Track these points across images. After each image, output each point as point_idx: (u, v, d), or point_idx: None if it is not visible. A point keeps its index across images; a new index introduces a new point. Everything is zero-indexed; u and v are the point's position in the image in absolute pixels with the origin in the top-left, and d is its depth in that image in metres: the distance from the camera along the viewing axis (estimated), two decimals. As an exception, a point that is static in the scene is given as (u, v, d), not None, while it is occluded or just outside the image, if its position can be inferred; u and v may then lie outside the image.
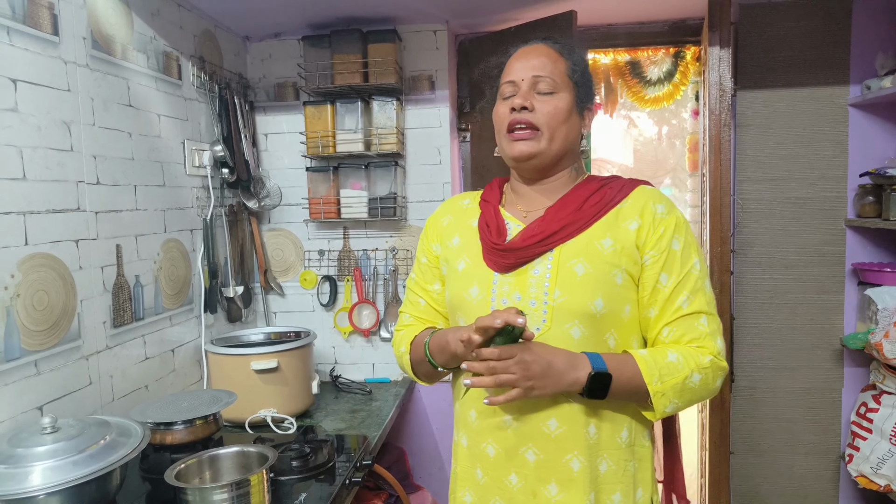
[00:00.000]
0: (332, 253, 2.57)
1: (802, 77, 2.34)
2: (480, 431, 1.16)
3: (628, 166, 6.49)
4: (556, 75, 1.14)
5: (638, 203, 1.14)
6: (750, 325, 2.45)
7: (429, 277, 1.29)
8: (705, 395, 1.11)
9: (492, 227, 1.18)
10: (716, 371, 1.10)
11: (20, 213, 1.39)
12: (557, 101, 1.13)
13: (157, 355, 1.89)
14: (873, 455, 2.13)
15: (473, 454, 1.18)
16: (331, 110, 2.38)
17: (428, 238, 1.30)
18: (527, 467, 1.11)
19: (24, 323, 1.39)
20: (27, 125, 1.41)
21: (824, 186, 2.37)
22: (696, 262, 1.12)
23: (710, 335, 1.10)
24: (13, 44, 1.38)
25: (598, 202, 1.14)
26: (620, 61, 2.74)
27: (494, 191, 1.27)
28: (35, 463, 1.18)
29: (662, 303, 1.10)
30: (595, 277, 1.09)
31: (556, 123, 1.13)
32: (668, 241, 1.11)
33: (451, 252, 1.24)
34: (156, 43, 1.91)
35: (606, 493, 1.12)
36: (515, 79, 1.15)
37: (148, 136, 1.87)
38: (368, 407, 2.21)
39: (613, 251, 1.10)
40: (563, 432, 1.09)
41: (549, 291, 1.09)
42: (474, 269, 1.17)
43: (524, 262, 1.13)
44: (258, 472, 1.31)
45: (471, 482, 1.20)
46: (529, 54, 1.17)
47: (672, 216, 1.13)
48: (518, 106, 1.12)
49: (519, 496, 1.13)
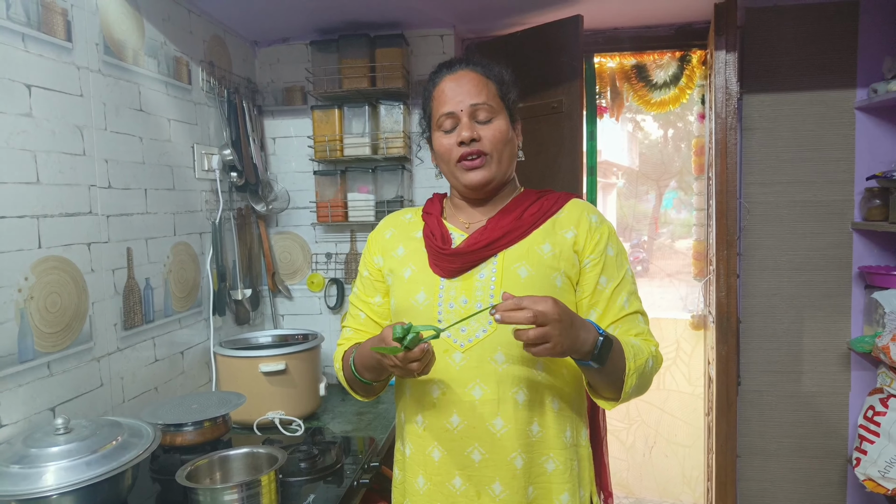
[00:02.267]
0: (340, 256, 2.59)
1: (809, 80, 2.34)
2: (426, 437, 1.18)
3: (634, 169, 6.50)
4: (490, 100, 1.17)
5: (573, 214, 1.21)
6: (756, 329, 2.45)
7: (370, 291, 1.30)
8: (645, 387, 1.14)
9: (436, 235, 1.22)
10: (657, 362, 1.15)
11: (34, 217, 1.41)
12: (498, 125, 1.17)
13: (167, 357, 1.91)
14: (881, 459, 2.13)
15: (416, 461, 1.20)
16: (338, 114, 2.40)
17: (370, 252, 1.31)
18: (472, 468, 1.14)
19: (38, 325, 1.41)
20: (41, 130, 1.43)
21: (831, 190, 2.37)
22: (628, 269, 1.21)
23: (649, 332, 1.19)
24: (28, 50, 1.40)
25: (535, 212, 1.20)
26: (626, 65, 2.75)
27: (435, 204, 1.30)
28: (49, 463, 1.19)
29: (605, 302, 1.16)
30: (537, 279, 1.14)
31: (501, 146, 1.18)
32: (604, 247, 1.18)
33: (395, 262, 1.25)
34: (166, 48, 1.94)
35: (556, 493, 1.15)
36: (454, 110, 1.17)
37: (158, 140, 1.89)
38: (375, 409, 2.22)
39: (553, 255, 1.16)
40: (508, 431, 1.12)
41: (495, 294, 1.13)
42: (420, 276, 1.20)
43: (470, 266, 1.16)
44: (268, 473, 1.32)
45: (411, 493, 1.21)
46: (460, 81, 1.18)
47: (605, 226, 1.21)
48: (467, 139, 1.15)
49: (462, 500, 1.15)
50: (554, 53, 2.28)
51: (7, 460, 1.20)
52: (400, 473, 1.27)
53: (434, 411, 1.16)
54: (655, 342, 1.18)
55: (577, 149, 2.27)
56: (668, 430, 3.50)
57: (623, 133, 8.01)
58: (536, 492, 1.15)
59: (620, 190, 8.89)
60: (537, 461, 1.15)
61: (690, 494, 3.46)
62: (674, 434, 3.48)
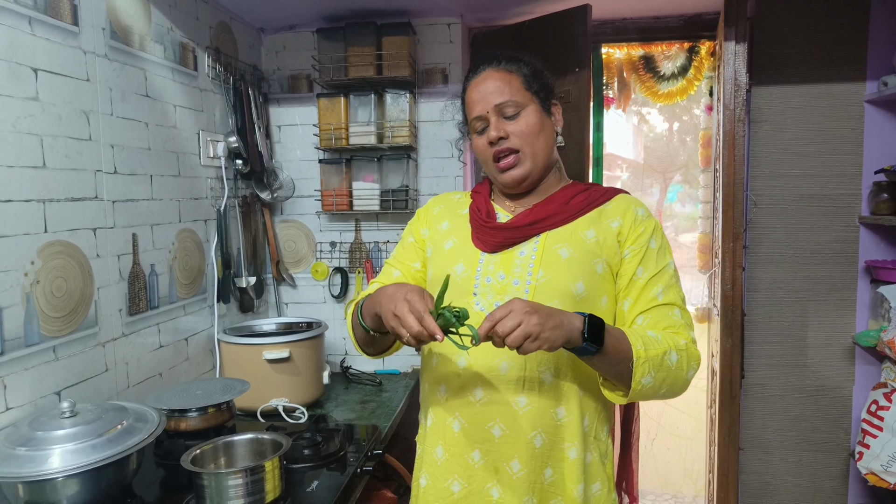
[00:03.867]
0: (344, 245, 2.58)
1: (818, 73, 2.33)
2: (448, 407, 1.18)
3: (639, 162, 6.47)
4: (514, 95, 1.19)
5: (620, 206, 1.21)
6: (761, 322, 2.44)
7: (411, 256, 1.32)
8: (678, 384, 1.09)
9: (482, 210, 1.25)
10: (690, 356, 1.10)
11: (40, 201, 1.41)
12: (526, 118, 1.19)
13: (171, 343, 1.92)
14: (883, 453, 2.13)
15: (436, 431, 1.20)
16: (344, 103, 2.39)
17: (418, 222, 1.35)
18: (491, 442, 1.14)
19: (43, 309, 1.41)
20: (48, 114, 1.43)
21: (839, 183, 2.35)
22: (670, 262, 1.18)
23: (684, 325, 1.13)
24: (35, 33, 1.40)
25: (582, 200, 1.21)
26: (634, 56, 2.73)
27: (485, 186, 1.34)
28: (54, 446, 1.20)
29: (638, 292, 1.15)
30: (578, 261, 1.14)
31: (532, 139, 1.19)
32: (646, 240, 1.17)
33: (438, 234, 1.28)
34: (173, 34, 1.93)
35: (573, 481, 1.14)
36: (481, 113, 1.20)
37: (164, 126, 1.88)
38: (378, 398, 2.23)
39: (596, 242, 1.16)
40: (531, 409, 1.12)
41: (534, 272, 1.14)
42: (461, 248, 1.22)
43: (512, 242, 1.18)
44: (272, 459, 1.32)
45: (429, 463, 1.21)
46: (484, 84, 1.21)
47: (651, 220, 1.20)
48: (494, 139, 1.18)
49: (480, 473, 1.15)
50: (562, 43, 2.27)
51: (13, 443, 1.20)
52: (420, 447, 1.27)
53: (458, 382, 1.16)
54: (689, 337, 1.12)
55: (584, 139, 2.26)
56: (671, 422, 3.50)
57: (628, 126, 7.96)
58: (555, 476, 1.14)
59: (625, 183, 8.85)
60: (558, 445, 1.14)
61: (692, 487, 3.46)
62: (676, 426, 3.48)
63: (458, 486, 1.17)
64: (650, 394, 1.08)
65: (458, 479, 1.17)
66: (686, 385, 1.11)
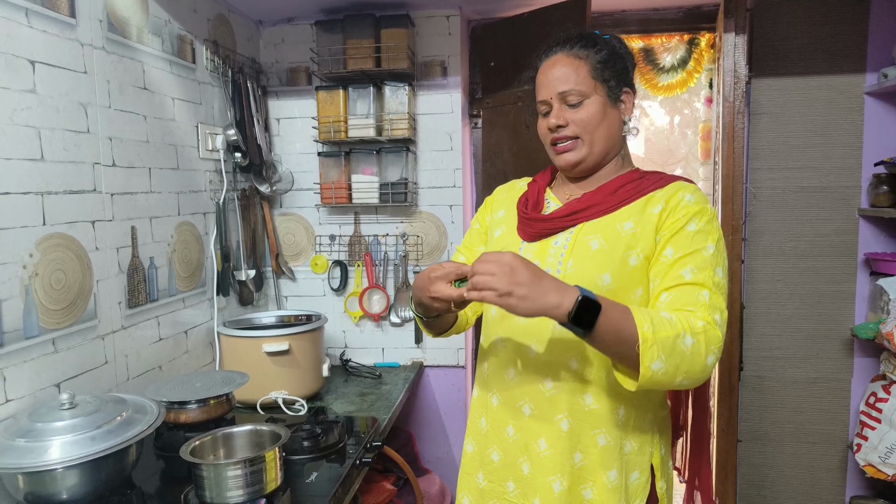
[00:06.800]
0: (343, 238, 2.58)
1: (818, 65, 2.32)
2: (489, 381, 1.27)
3: (639, 156, 6.46)
4: (580, 84, 1.18)
5: (668, 192, 1.16)
6: (760, 314, 2.44)
7: (475, 241, 1.40)
8: (695, 370, 1.00)
9: (530, 202, 1.28)
10: (709, 340, 1.01)
11: (38, 194, 1.41)
12: (588, 107, 1.19)
13: (171, 336, 1.92)
14: (881, 445, 2.13)
15: (481, 402, 1.30)
16: (343, 95, 2.38)
17: (485, 210, 1.43)
18: (522, 419, 1.20)
19: (43, 301, 1.41)
20: (45, 107, 1.43)
21: (838, 175, 2.35)
22: (709, 246, 1.10)
23: (709, 307, 1.04)
24: (32, 25, 1.39)
25: (630, 189, 1.19)
26: (634, 48, 2.73)
27: (546, 174, 1.36)
28: (54, 437, 1.20)
29: (665, 271, 1.10)
30: (607, 253, 1.13)
31: (592, 128, 1.19)
32: (684, 223, 1.11)
33: (494, 222, 1.36)
34: (170, 26, 1.92)
35: (604, 468, 1.14)
36: (545, 98, 1.22)
37: (162, 119, 1.88)
38: (378, 390, 2.23)
39: (632, 234, 1.14)
40: (556, 393, 1.16)
41: (563, 262, 1.16)
42: (507, 237, 1.29)
43: (548, 233, 1.21)
44: (272, 450, 1.33)
45: (474, 431, 1.31)
46: (552, 69, 1.21)
47: (697, 205, 1.12)
48: (553, 126, 1.21)
49: (513, 448, 1.22)
50: (561, 35, 2.26)
51: (13, 434, 1.21)
52: (471, 415, 1.35)
53: (497, 360, 1.24)
54: (711, 318, 1.03)
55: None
56: (670, 415, 3.50)
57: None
58: (585, 461, 1.15)
59: (625, 176, 8.82)
60: (588, 432, 1.14)
61: (691, 479, 3.48)
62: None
63: (496, 456, 1.25)
64: (665, 381, 0.99)
65: (497, 450, 1.25)
66: (705, 372, 1.02)
